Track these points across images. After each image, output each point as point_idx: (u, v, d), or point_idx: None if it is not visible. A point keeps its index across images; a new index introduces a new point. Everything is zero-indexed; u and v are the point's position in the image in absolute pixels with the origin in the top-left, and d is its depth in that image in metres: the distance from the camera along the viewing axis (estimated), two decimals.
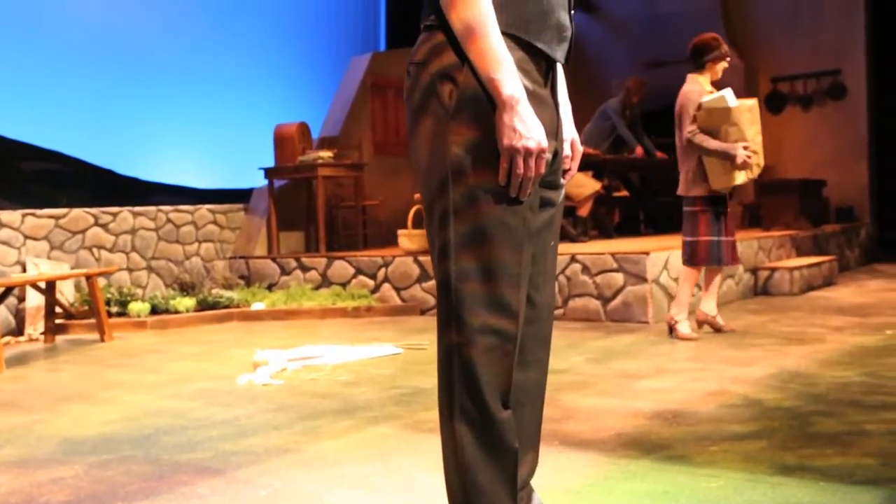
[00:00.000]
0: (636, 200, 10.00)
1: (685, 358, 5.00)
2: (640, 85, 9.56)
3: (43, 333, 6.83)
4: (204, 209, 8.86)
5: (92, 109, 9.40)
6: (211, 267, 8.67)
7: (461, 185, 1.84)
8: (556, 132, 1.99)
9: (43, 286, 6.61)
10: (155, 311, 7.40)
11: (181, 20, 10.31)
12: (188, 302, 7.48)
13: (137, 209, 8.32)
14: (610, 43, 12.34)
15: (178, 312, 7.40)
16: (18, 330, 7.18)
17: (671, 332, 5.68)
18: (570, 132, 2.16)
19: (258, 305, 7.62)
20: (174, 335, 6.86)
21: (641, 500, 2.65)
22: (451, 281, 1.87)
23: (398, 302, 7.70)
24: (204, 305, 7.60)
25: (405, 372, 4.92)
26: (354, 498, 2.79)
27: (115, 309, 7.32)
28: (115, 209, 8.14)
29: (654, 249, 6.67)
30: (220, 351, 5.98)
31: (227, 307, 7.63)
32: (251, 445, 3.47)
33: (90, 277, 6.64)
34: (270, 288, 8.39)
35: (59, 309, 6.89)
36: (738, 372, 4.50)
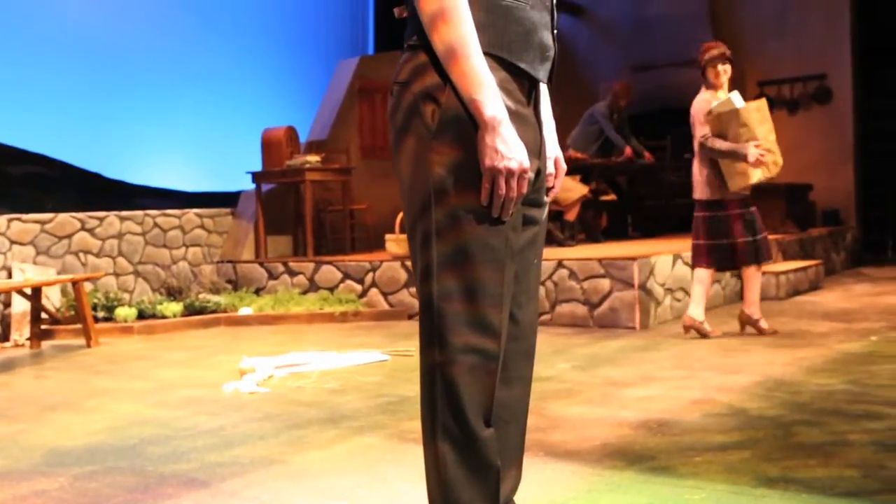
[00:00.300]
0: (624, 204, 10.03)
1: (671, 365, 5.02)
2: (626, 88, 9.59)
3: (29, 339, 6.81)
4: (191, 213, 8.84)
5: (79, 113, 9.39)
6: (198, 271, 8.66)
7: (443, 205, 1.85)
8: (538, 151, 2.00)
9: (29, 292, 6.59)
10: (142, 316, 7.38)
11: (169, 24, 10.30)
12: (175, 307, 7.46)
13: (124, 213, 8.30)
14: (597, 46, 12.37)
15: (165, 317, 7.38)
16: (4, 336, 7.15)
17: (745, 328, 5.90)
18: (553, 150, 2.17)
19: (245, 310, 7.62)
20: (161, 340, 6.85)
21: None
22: (433, 300, 1.87)
23: (386, 307, 7.70)
24: (191, 310, 7.59)
25: (392, 379, 4.92)
26: None
27: (101, 314, 7.30)
28: (101, 214, 8.12)
29: (641, 254, 6.69)
30: (206, 357, 5.97)
31: (214, 312, 7.61)
32: (237, 456, 3.47)
33: (76, 283, 6.62)
34: (258, 292, 8.38)
35: (45, 314, 6.86)
36: (723, 379, 4.52)
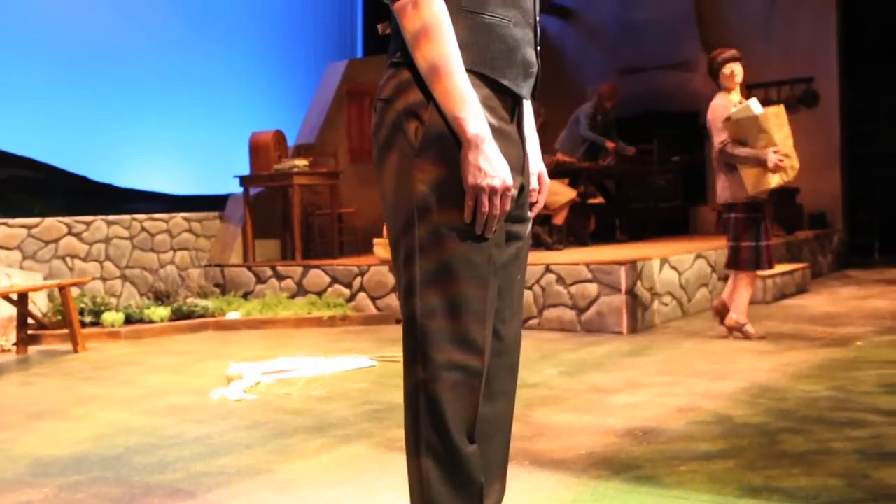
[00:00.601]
0: (612, 207, 10.05)
1: (657, 371, 5.04)
2: (612, 90, 9.63)
3: (15, 344, 6.78)
4: (179, 217, 8.82)
5: (66, 116, 9.34)
6: (186, 275, 8.64)
7: (426, 222, 1.85)
8: (521, 167, 2.01)
9: (15, 297, 6.57)
10: (129, 320, 7.37)
11: (157, 27, 10.27)
12: (163, 311, 7.45)
13: (111, 218, 8.28)
14: (585, 49, 12.39)
15: (152, 322, 7.36)
16: None
17: (729, 334, 5.95)
18: (537, 166, 2.18)
19: (233, 315, 7.60)
20: (148, 345, 6.83)
21: None
22: (416, 317, 1.88)
23: (374, 311, 7.70)
24: (179, 315, 7.57)
25: (379, 386, 4.92)
26: None
27: (88, 318, 7.28)
28: (88, 218, 8.09)
29: (628, 259, 6.71)
30: (194, 362, 5.96)
31: (202, 317, 7.60)
32: (223, 466, 3.46)
33: (63, 288, 6.60)
34: (246, 296, 8.37)
35: (31, 320, 6.84)
36: (709, 386, 4.54)
